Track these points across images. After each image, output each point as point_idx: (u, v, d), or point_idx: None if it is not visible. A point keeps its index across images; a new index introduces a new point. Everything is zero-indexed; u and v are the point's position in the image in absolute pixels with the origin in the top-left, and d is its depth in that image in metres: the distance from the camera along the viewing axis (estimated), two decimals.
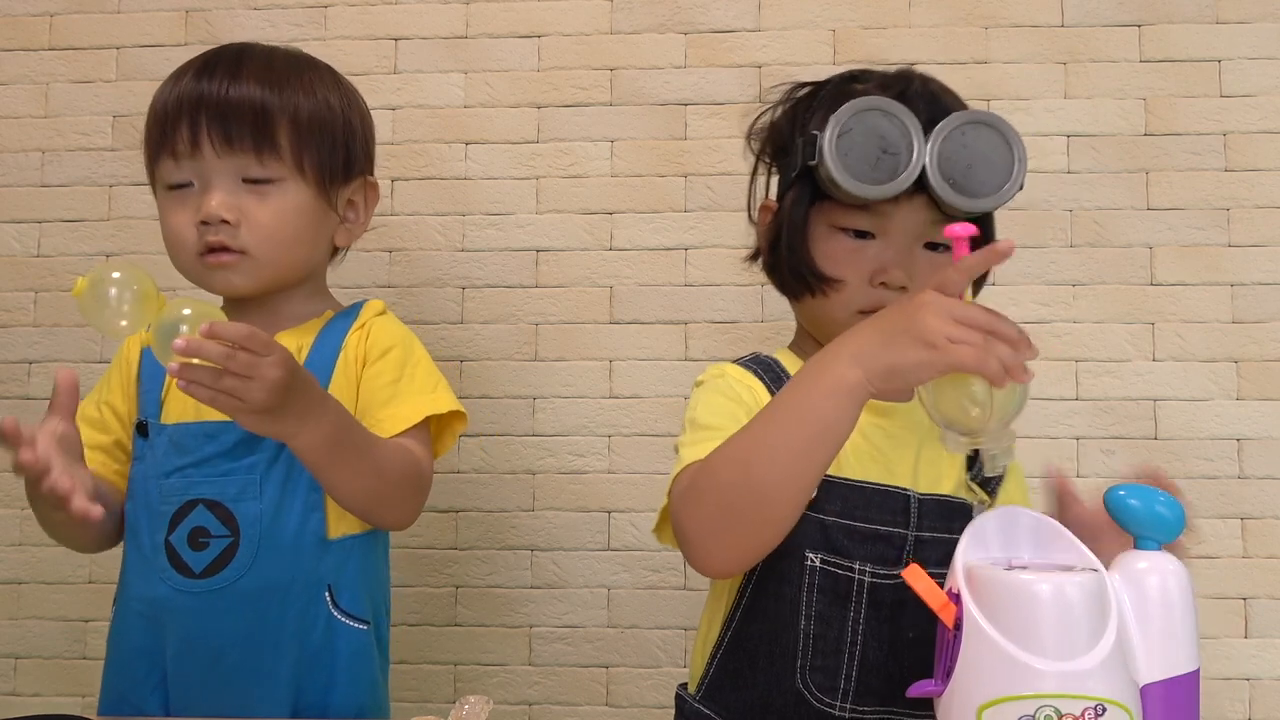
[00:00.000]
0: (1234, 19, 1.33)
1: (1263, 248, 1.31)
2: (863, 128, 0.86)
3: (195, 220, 0.96)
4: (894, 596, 0.86)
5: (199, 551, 0.94)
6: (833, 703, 0.86)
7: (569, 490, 1.34)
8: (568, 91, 1.37)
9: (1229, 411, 1.30)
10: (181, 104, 0.97)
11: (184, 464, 0.96)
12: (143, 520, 0.96)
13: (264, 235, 0.97)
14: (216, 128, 0.96)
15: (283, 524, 0.95)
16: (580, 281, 1.36)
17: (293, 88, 0.99)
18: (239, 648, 0.93)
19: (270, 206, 0.97)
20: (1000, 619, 0.65)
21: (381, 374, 1.01)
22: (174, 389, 0.96)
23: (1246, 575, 1.29)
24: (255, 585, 0.93)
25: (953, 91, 0.96)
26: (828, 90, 0.95)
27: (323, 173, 1.00)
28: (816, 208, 0.93)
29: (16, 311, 1.39)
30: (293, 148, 0.98)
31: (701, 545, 0.83)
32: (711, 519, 0.81)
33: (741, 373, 0.95)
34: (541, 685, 1.33)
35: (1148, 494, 0.71)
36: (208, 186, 0.97)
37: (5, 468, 1.36)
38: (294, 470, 0.95)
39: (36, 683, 1.36)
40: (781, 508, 0.79)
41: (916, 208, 0.89)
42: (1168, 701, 0.67)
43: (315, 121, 1.00)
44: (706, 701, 0.92)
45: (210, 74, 0.98)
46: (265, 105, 0.97)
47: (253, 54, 1.01)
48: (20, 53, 1.41)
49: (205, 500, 0.94)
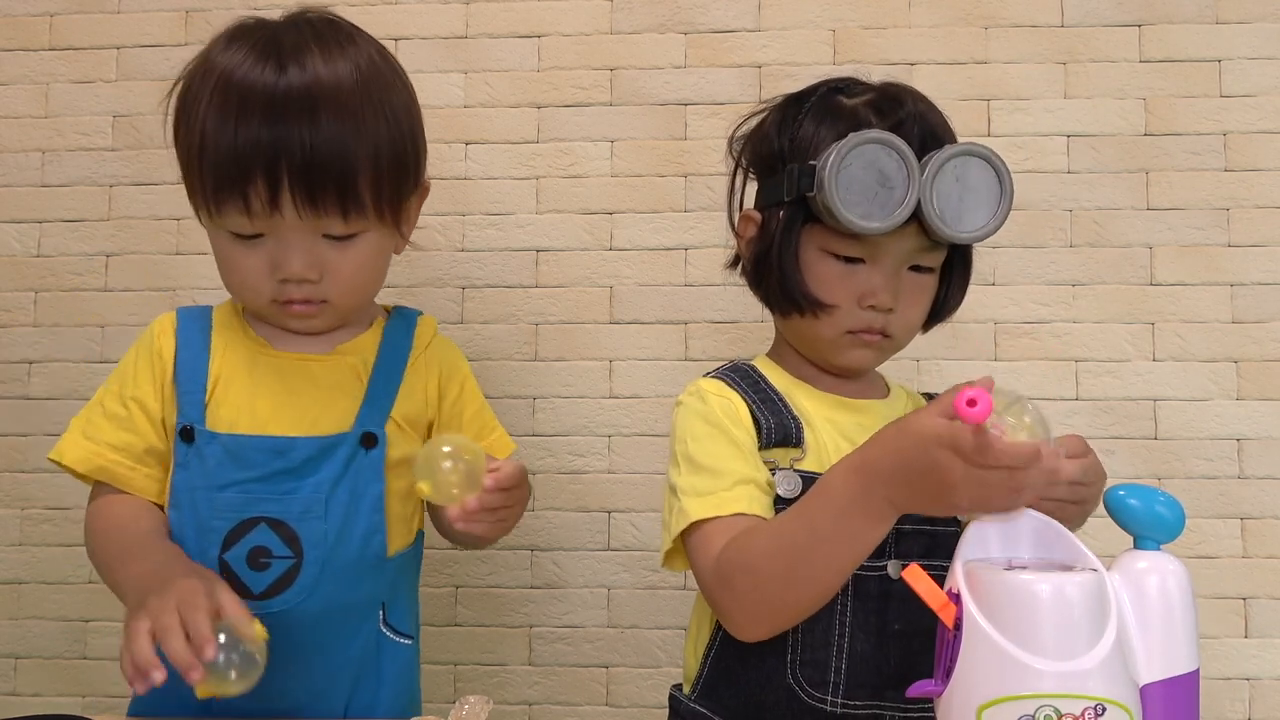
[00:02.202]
0: (1234, 19, 1.33)
1: (1263, 248, 1.31)
2: (862, 161, 0.88)
3: (270, 272, 0.91)
4: (879, 588, 0.88)
5: (259, 572, 0.89)
6: (824, 697, 0.87)
7: (569, 490, 1.34)
8: (568, 91, 1.37)
9: (1229, 411, 1.30)
10: (257, 154, 0.86)
11: (244, 478, 0.91)
12: (190, 534, 0.91)
13: (347, 287, 0.94)
14: (300, 189, 0.87)
15: (346, 545, 0.92)
16: (580, 281, 1.36)
17: (372, 116, 0.90)
18: (291, 668, 0.88)
19: (352, 259, 0.93)
20: (1000, 619, 0.65)
21: (469, 403, 1.02)
22: (218, 391, 0.94)
23: (1246, 575, 1.29)
24: (316, 608, 0.90)
25: (936, 107, 0.96)
26: (815, 102, 0.96)
27: (397, 207, 0.95)
28: (808, 231, 0.93)
29: (16, 311, 1.39)
30: (374, 198, 0.91)
31: (746, 627, 0.86)
32: (755, 607, 0.84)
33: (718, 387, 0.96)
34: (541, 685, 1.33)
35: (1148, 494, 0.71)
36: (285, 244, 0.90)
37: (5, 468, 1.37)
38: (358, 489, 0.93)
39: (36, 683, 1.36)
40: (817, 601, 0.83)
41: (907, 235, 0.91)
42: (1168, 701, 0.67)
43: (394, 159, 0.92)
44: (701, 701, 0.93)
45: (282, 114, 0.87)
46: (348, 157, 0.88)
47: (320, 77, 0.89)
48: (20, 53, 1.41)
49: (268, 519, 0.90)
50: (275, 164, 0.86)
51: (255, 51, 0.89)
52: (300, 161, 0.86)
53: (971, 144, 0.90)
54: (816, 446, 0.92)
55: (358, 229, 0.92)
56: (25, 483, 1.37)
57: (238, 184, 0.87)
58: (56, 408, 1.36)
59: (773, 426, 0.92)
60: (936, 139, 0.92)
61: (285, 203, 0.87)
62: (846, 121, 0.92)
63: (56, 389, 1.37)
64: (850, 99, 0.95)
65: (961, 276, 0.98)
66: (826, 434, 0.93)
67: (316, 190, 0.87)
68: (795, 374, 0.98)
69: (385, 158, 0.91)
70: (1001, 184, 0.90)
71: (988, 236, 0.91)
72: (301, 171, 0.87)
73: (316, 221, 0.89)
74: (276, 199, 0.87)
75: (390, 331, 1.01)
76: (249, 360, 0.96)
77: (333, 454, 0.92)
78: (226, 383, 0.94)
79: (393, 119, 0.93)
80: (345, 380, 0.97)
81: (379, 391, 0.96)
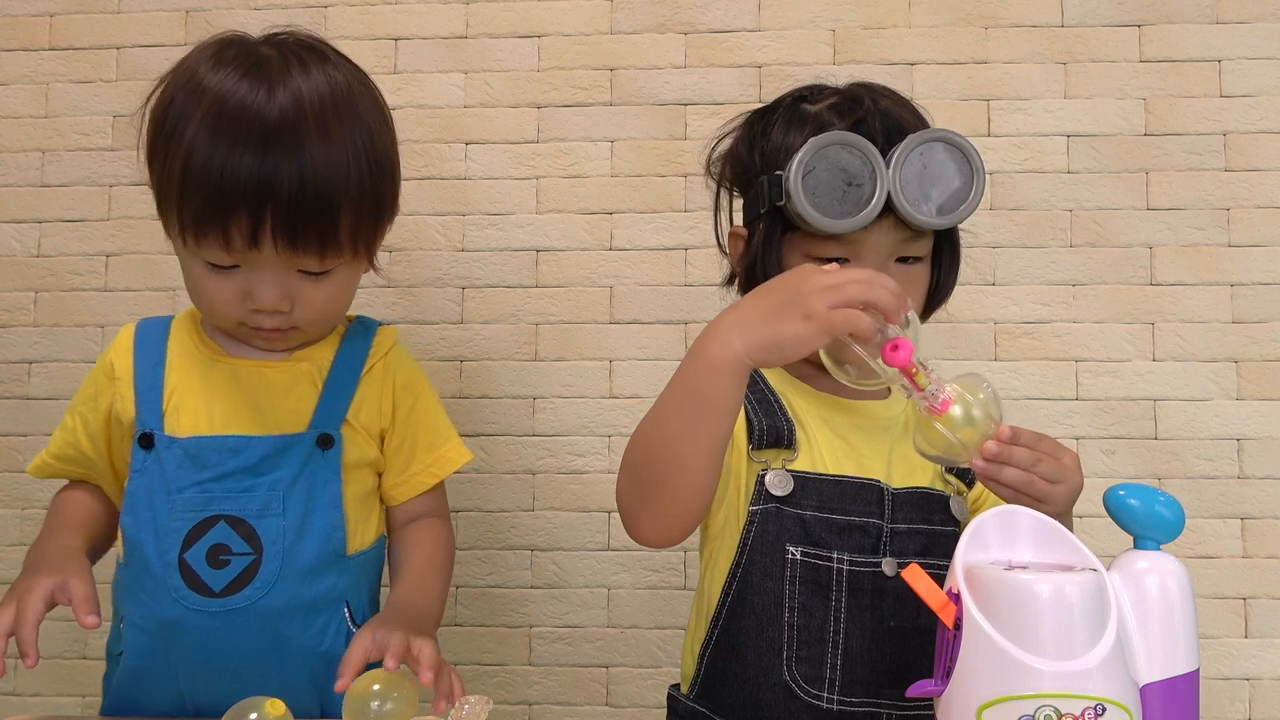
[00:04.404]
0: (1234, 19, 1.33)
1: (1263, 248, 1.31)
2: (825, 164, 0.89)
3: (241, 300, 0.92)
4: (873, 585, 0.89)
5: (219, 569, 0.91)
6: (820, 694, 0.87)
7: (569, 490, 1.35)
8: (568, 91, 1.37)
9: (1229, 411, 1.30)
10: (241, 192, 0.87)
11: (203, 479, 0.92)
12: (148, 538, 0.92)
13: (317, 315, 0.95)
14: (282, 231, 0.88)
15: (305, 541, 0.93)
16: (580, 281, 1.36)
17: (354, 157, 0.91)
18: (258, 663, 0.91)
19: (324, 291, 0.94)
20: (1000, 619, 0.65)
21: (421, 416, 1.02)
22: (175, 398, 0.95)
23: (1246, 575, 1.29)
24: (277, 603, 0.92)
25: (906, 101, 0.97)
26: (781, 113, 0.97)
27: (371, 243, 0.96)
28: (788, 239, 0.94)
29: (16, 311, 1.39)
30: (351, 236, 0.92)
31: (629, 518, 0.87)
32: (629, 494, 0.86)
33: None
34: (541, 685, 1.33)
35: (1148, 494, 0.71)
36: (259, 277, 0.91)
37: (5, 468, 1.37)
38: (315, 487, 0.94)
39: (36, 683, 1.36)
40: (683, 479, 0.82)
41: (885, 229, 0.91)
42: (1167, 701, 0.67)
43: (374, 199, 0.93)
44: (699, 700, 0.93)
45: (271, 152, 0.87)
46: (332, 200, 0.89)
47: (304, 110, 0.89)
48: (20, 53, 1.41)
49: (227, 516, 0.92)
50: (260, 204, 0.87)
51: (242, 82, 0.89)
52: (285, 204, 0.87)
53: (935, 129, 0.91)
54: (809, 446, 0.93)
55: (332, 266, 0.93)
56: (25, 483, 1.37)
57: (220, 219, 0.87)
58: (56, 408, 1.36)
59: (765, 428, 0.92)
60: (901, 130, 0.92)
61: (265, 241, 0.88)
62: (811, 127, 0.92)
63: (56, 389, 1.37)
64: (814, 105, 0.95)
65: (951, 260, 0.98)
66: (820, 434, 0.94)
67: (298, 232, 0.89)
68: (793, 372, 0.98)
69: (366, 199, 0.92)
70: (971, 162, 0.90)
71: (966, 217, 0.91)
72: (285, 213, 0.88)
73: (293, 259, 0.91)
74: (257, 237, 0.88)
75: (348, 339, 1.02)
76: (204, 367, 0.97)
77: (289, 453, 0.94)
78: (184, 390, 0.96)
79: (373, 158, 0.93)
80: (300, 385, 0.98)
81: (335, 395, 0.98)
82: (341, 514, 0.95)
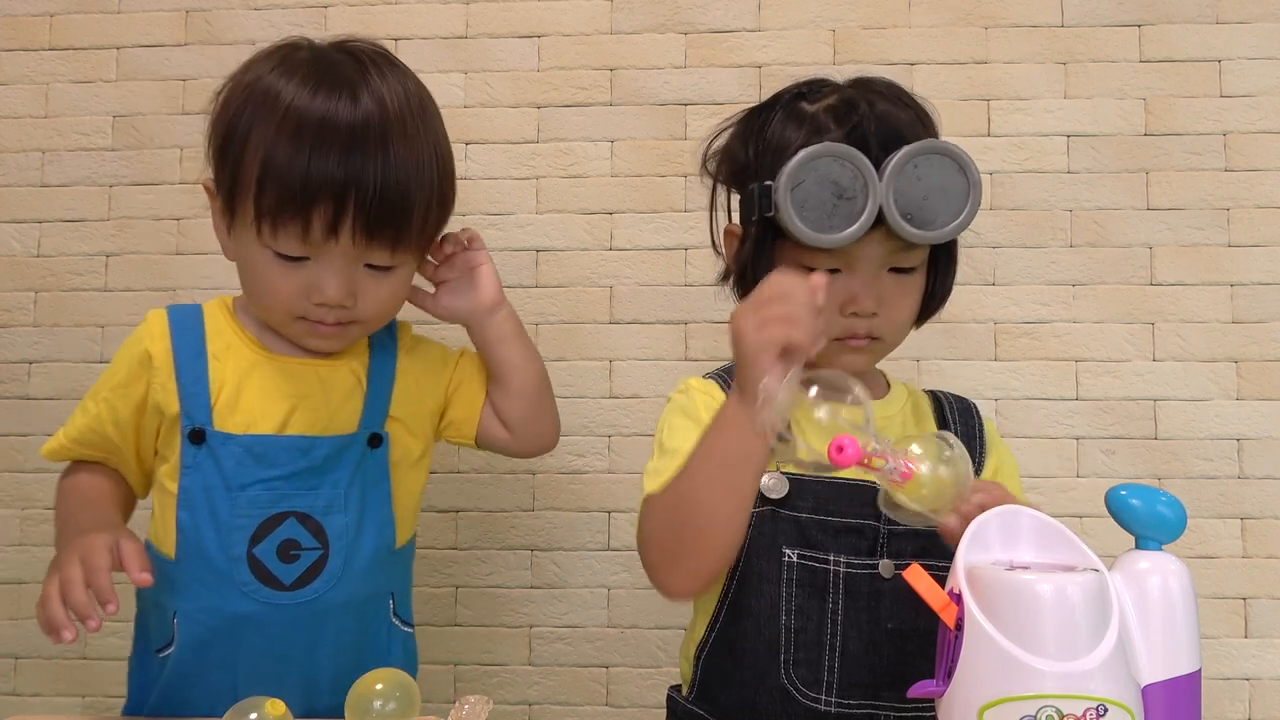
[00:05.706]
0: (1234, 19, 1.33)
1: (1263, 248, 1.31)
2: (815, 176, 0.86)
3: (304, 293, 0.93)
4: (870, 587, 0.88)
5: (289, 564, 0.93)
6: (817, 696, 0.87)
7: (569, 490, 1.35)
8: (568, 91, 1.37)
9: (1229, 411, 1.30)
10: (328, 184, 0.89)
11: (269, 476, 0.93)
12: (209, 533, 0.92)
13: (377, 312, 0.97)
14: (362, 222, 0.90)
15: (364, 537, 0.96)
16: (580, 281, 1.36)
17: (428, 157, 0.95)
18: (317, 654, 0.94)
19: (387, 288, 0.96)
20: (1002, 619, 0.65)
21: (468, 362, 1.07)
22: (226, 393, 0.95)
23: (1246, 575, 1.29)
24: (341, 597, 0.94)
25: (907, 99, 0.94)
26: (779, 110, 0.95)
27: (432, 240, 1.00)
28: (780, 246, 0.92)
29: (16, 311, 1.39)
30: (419, 233, 0.95)
31: (661, 577, 0.89)
32: (662, 555, 0.88)
33: (705, 384, 0.97)
34: (541, 685, 1.33)
35: (1149, 494, 0.71)
36: (328, 270, 0.92)
37: (5, 468, 1.37)
38: (369, 486, 0.97)
39: (36, 683, 1.36)
40: (716, 537, 0.84)
41: (878, 240, 0.89)
42: (1169, 702, 0.67)
43: (441, 197, 0.97)
44: (698, 702, 0.93)
45: (358, 148, 0.90)
46: (410, 197, 0.92)
47: (388, 114, 0.92)
48: (20, 53, 1.41)
49: (296, 513, 0.94)
50: (344, 195, 0.89)
51: (323, 82, 0.92)
52: (371, 196, 0.90)
53: (931, 141, 0.88)
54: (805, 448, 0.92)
55: (400, 261, 0.95)
56: (25, 483, 1.37)
57: (303, 209, 0.89)
58: (56, 408, 1.36)
59: None
60: (898, 137, 0.88)
61: (344, 232, 0.90)
62: (807, 128, 0.90)
63: (56, 389, 1.37)
64: (812, 104, 0.93)
65: (947, 267, 0.96)
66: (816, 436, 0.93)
67: (375, 225, 0.91)
68: None
69: (435, 195, 0.95)
70: (967, 176, 0.87)
71: (959, 232, 0.89)
72: (367, 206, 0.90)
73: (366, 252, 0.93)
74: (337, 228, 0.90)
75: (377, 340, 1.03)
76: (253, 363, 0.97)
77: (346, 452, 0.96)
78: (236, 385, 0.96)
79: (440, 155, 0.97)
80: (348, 384, 0.99)
81: (377, 393, 1.00)
82: (391, 511, 0.98)
